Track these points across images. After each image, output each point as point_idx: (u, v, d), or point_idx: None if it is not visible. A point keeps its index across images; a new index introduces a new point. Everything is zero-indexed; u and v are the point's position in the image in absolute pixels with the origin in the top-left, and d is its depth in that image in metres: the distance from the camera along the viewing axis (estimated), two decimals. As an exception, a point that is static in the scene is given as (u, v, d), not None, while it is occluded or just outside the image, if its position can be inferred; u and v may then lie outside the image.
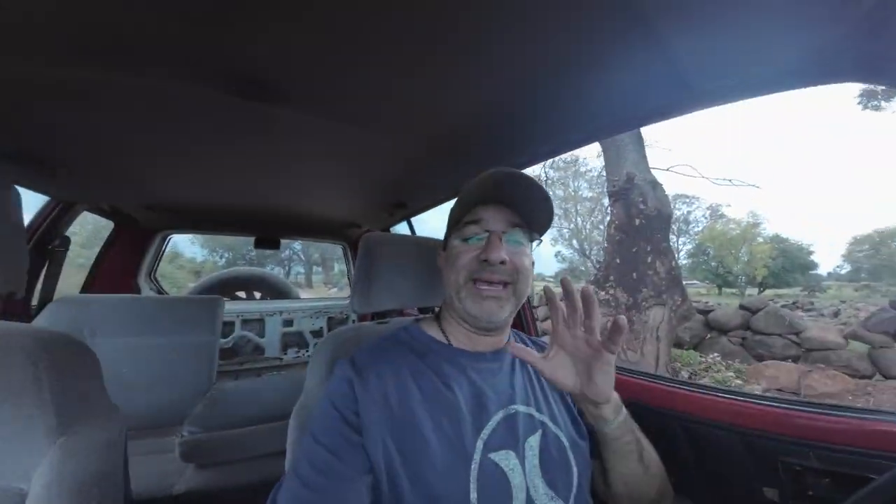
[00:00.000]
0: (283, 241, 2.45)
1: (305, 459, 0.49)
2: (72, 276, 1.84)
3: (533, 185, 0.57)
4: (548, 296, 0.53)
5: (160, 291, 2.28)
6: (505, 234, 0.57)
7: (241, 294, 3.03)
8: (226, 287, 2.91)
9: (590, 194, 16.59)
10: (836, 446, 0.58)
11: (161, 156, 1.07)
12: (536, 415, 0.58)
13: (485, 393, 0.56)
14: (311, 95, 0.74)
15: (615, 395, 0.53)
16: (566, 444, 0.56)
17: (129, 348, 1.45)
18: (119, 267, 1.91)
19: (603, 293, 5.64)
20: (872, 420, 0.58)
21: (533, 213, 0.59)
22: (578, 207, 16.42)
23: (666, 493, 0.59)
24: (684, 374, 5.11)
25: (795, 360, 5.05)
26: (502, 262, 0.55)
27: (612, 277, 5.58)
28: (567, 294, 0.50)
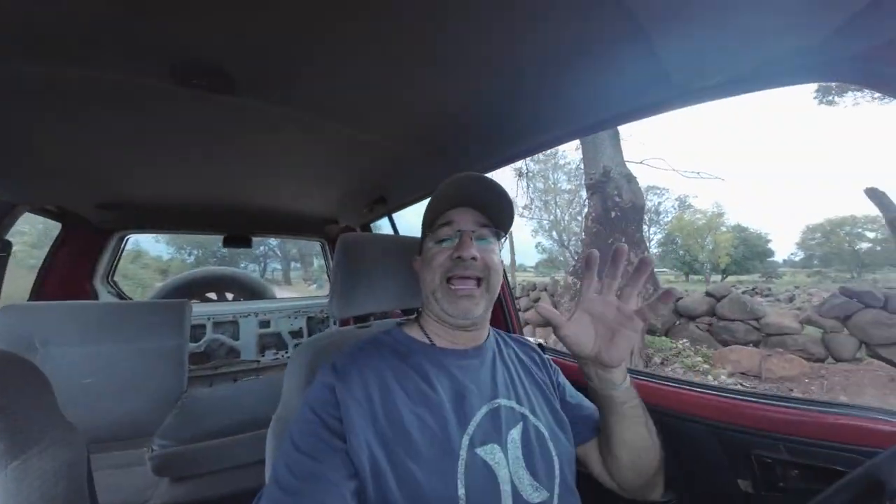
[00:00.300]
0: (256, 239, 2.35)
1: (285, 466, 0.47)
2: (20, 279, 1.69)
3: (496, 187, 0.62)
4: (588, 261, 0.55)
5: (120, 295, 2.13)
6: (474, 233, 0.61)
7: (212, 295, 2.89)
8: (194, 288, 2.75)
9: (568, 186, 16.88)
10: (803, 439, 0.61)
11: (112, 152, 0.98)
12: (517, 407, 0.59)
13: (468, 389, 0.57)
14: (281, 88, 0.70)
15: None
16: (546, 434, 0.58)
17: (87, 357, 1.36)
18: (71, 271, 1.77)
19: (580, 283, 5.79)
20: (835, 414, 0.61)
21: (498, 214, 0.64)
22: (557, 199, 16.70)
23: (660, 471, 0.61)
24: (657, 360, 5.36)
25: (756, 344, 5.36)
26: (474, 259, 0.58)
27: (589, 268, 5.73)
28: (614, 260, 0.53)
